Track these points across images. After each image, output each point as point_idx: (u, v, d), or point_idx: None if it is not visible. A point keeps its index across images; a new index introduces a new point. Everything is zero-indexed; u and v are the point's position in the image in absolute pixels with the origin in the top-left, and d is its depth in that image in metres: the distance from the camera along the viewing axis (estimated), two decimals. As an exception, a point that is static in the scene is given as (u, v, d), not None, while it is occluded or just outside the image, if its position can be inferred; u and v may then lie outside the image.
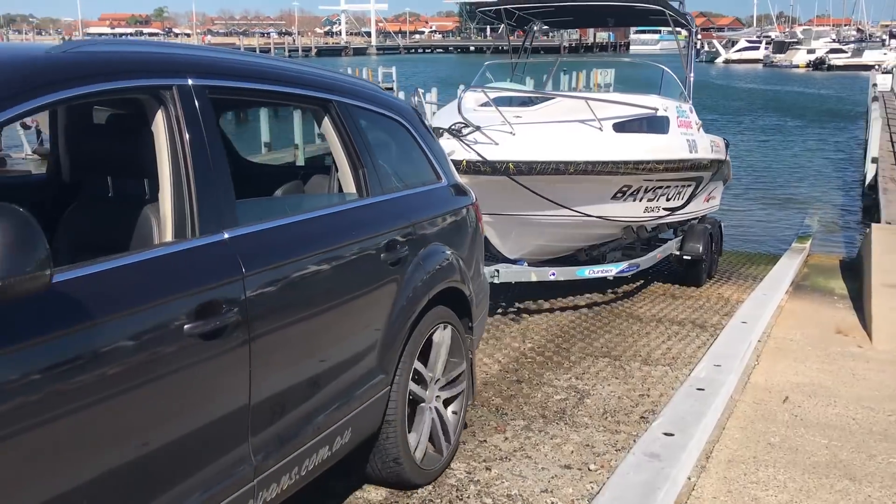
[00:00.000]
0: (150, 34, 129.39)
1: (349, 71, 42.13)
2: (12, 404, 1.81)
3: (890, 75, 37.69)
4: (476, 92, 7.25)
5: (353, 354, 3.08)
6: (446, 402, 3.78)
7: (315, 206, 3.23)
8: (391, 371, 3.29)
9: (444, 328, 3.63)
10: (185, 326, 2.25)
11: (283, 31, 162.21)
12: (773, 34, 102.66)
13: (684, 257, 8.29)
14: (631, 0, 8.82)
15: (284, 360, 2.69)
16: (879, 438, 4.45)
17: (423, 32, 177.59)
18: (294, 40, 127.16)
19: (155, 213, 2.51)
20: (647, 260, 7.72)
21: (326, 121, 3.25)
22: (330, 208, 3.25)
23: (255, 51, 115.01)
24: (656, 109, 7.44)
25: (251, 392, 2.50)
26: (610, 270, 7.31)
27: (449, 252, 3.67)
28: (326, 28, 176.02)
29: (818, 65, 79.70)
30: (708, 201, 9.13)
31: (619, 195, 7.05)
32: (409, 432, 3.47)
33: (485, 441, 4.25)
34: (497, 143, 6.09)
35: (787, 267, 9.38)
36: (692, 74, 8.85)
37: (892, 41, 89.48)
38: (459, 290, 3.72)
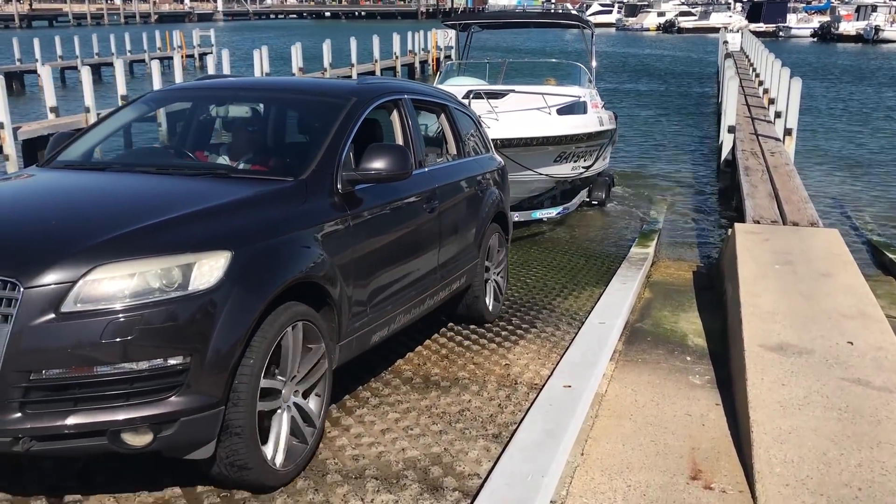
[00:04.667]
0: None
1: (158, 34, 37.26)
2: (380, 224, 4.20)
3: (739, 35, 36.29)
4: (448, 87, 9.78)
5: (468, 236, 5.34)
6: (498, 278, 6.07)
7: (446, 160, 5.46)
8: (479, 250, 5.52)
9: (496, 235, 5.93)
10: (423, 206, 4.66)
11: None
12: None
13: (592, 202, 11.48)
14: (554, 17, 14.10)
15: (448, 230, 4.99)
16: None
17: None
18: (132, 6, 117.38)
19: None
20: (572, 204, 10.63)
21: (443, 116, 5.59)
22: (454, 161, 5.49)
23: (86, 17, 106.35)
24: (580, 97, 10.53)
25: (440, 242, 4.86)
26: (552, 212, 10.25)
27: (498, 192, 5.94)
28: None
29: (668, 27, 79.18)
30: (605, 160, 11.71)
31: (558, 159, 9.93)
32: (485, 292, 5.84)
33: None
34: (489, 127, 7.94)
35: (620, 299, 6.28)
36: (595, 63, 12.12)
37: (737, 4, 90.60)
38: (504, 214, 6.08)
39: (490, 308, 5.89)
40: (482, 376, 4.85)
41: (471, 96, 9.26)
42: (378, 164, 3.97)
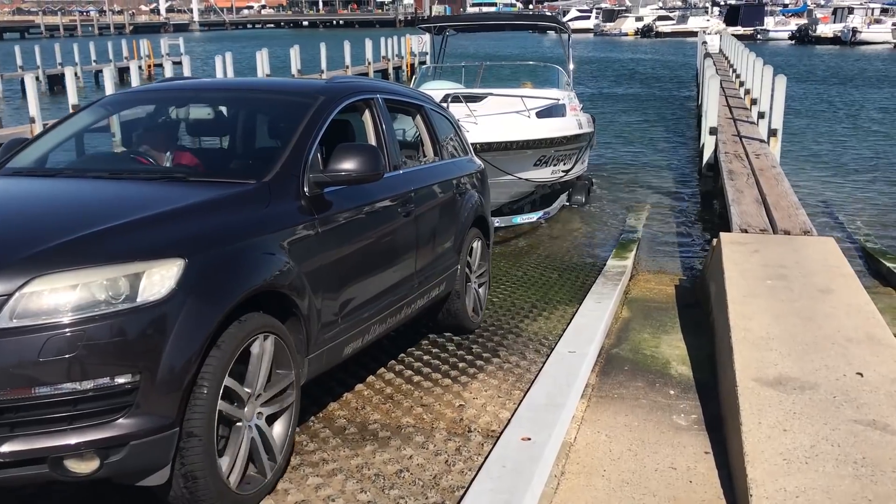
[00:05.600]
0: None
1: (125, 43, 36.41)
2: (351, 229, 3.95)
3: (718, 37, 35.88)
4: (425, 91, 8.93)
5: (446, 241, 5.13)
6: (479, 285, 5.85)
7: (422, 162, 5.26)
8: (459, 255, 5.32)
9: (477, 241, 5.73)
10: (398, 209, 4.41)
11: (103, 9, 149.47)
12: (604, 4, 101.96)
13: (573, 206, 11.21)
14: (532, 19, 13.70)
15: (426, 234, 4.77)
16: None
17: (252, 7, 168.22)
18: (107, 17, 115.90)
19: None
20: (553, 208, 10.61)
21: (419, 117, 5.40)
22: (431, 164, 5.29)
23: (59, 28, 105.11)
24: (558, 99, 10.42)
25: (417, 247, 4.64)
26: (532, 217, 10.08)
27: (478, 195, 5.74)
28: (152, 6, 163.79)
29: (646, 32, 78.75)
30: (583, 164, 11.45)
31: (537, 163, 9.89)
32: (466, 299, 5.53)
33: None
34: (468, 131, 7.73)
35: (594, 321, 5.58)
36: (572, 66, 11.92)
37: (715, 8, 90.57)
38: (485, 218, 5.89)
39: (471, 316, 5.63)
40: (430, 422, 4.10)
41: (448, 100, 9.05)
42: (347, 165, 3.77)
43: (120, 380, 2.70)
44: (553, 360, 4.72)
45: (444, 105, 8.38)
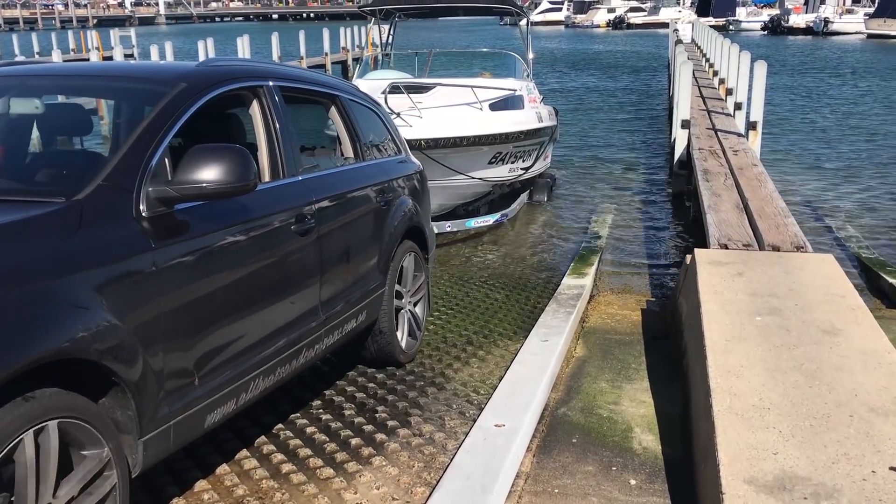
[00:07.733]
0: None
1: (71, 35, 34.78)
2: (213, 259, 3.02)
3: (690, 26, 34.91)
4: (368, 81, 9.42)
5: (365, 261, 4.30)
6: (415, 306, 5.04)
7: (336, 165, 4.50)
8: (385, 276, 4.51)
9: (411, 255, 4.90)
10: (292, 227, 3.55)
11: (67, 2, 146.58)
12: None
13: (534, 205, 10.43)
14: (486, 2, 11.82)
15: (335, 254, 3.96)
16: None
17: (220, 0, 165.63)
18: (69, 11, 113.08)
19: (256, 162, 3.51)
20: (511, 210, 9.57)
21: (333, 109, 4.55)
22: (345, 167, 4.48)
23: (19, 22, 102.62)
24: (515, 90, 9.55)
25: (322, 272, 3.80)
26: (488, 220, 9.12)
27: (412, 202, 4.94)
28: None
29: (618, 24, 77.80)
30: (545, 160, 10.64)
31: (492, 160, 9.06)
32: (396, 327, 4.71)
33: None
34: (411, 126, 7.83)
35: (536, 371, 4.38)
36: (532, 55, 11.15)
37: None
38: (420, 228, 5.03)
39: (404, 346, 4.83)
40: (284, 552, 2.84)
41: (387, 91, 8.23)
42: (202, 175, 2.89)
43: None
44: (471, 443, 3.47)
45: (383, 97, 7.76)
